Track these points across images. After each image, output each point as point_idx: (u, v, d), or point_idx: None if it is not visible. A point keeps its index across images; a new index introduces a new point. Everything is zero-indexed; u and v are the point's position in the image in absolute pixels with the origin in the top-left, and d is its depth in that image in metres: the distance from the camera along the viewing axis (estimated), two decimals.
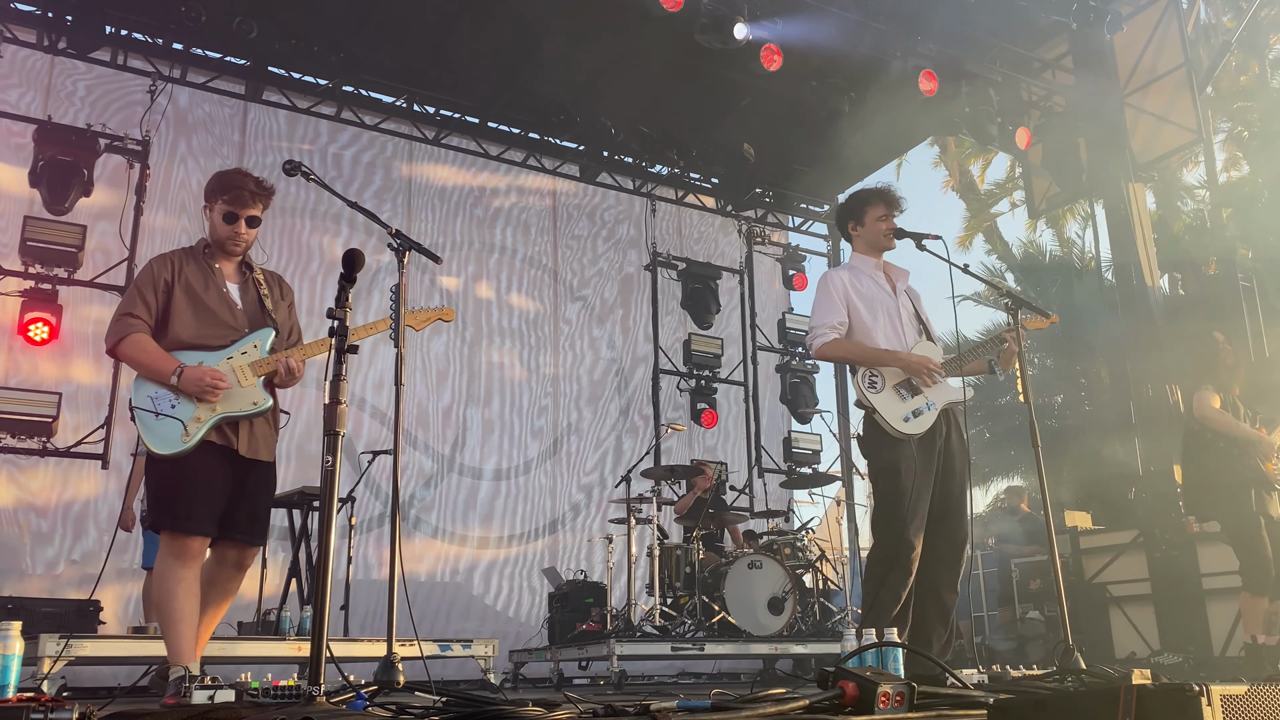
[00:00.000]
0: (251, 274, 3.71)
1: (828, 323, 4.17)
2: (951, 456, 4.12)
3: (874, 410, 4.05)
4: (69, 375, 7.29)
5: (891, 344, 4.17)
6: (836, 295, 4.21)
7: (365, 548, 7.93)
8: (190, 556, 3.37)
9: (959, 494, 4.11)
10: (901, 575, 3.89)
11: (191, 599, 3.37)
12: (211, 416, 3.38)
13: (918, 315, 4.32)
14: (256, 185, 3.60)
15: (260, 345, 3.54)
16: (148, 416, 3.33)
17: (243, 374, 3.46)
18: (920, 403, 4.08)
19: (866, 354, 4.13)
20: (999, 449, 14.83)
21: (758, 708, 2.43)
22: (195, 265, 3.58)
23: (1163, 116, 8.99)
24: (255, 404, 3.48)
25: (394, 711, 2.35)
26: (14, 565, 6.91)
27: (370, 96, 9.06)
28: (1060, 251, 17.11)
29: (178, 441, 3.33)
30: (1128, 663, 6.82)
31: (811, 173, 10.67)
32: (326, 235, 8.62)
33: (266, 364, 3.50)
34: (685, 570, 7.30)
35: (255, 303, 3.64)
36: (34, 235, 6.99)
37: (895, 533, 3.93)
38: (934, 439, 4.08)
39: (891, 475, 4.00)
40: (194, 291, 3.51)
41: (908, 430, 4.02)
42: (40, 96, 7.65)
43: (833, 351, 4.19)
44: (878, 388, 4.08)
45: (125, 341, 3.40)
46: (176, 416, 3.33)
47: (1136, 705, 1.90)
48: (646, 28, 7.52)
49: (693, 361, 9.94)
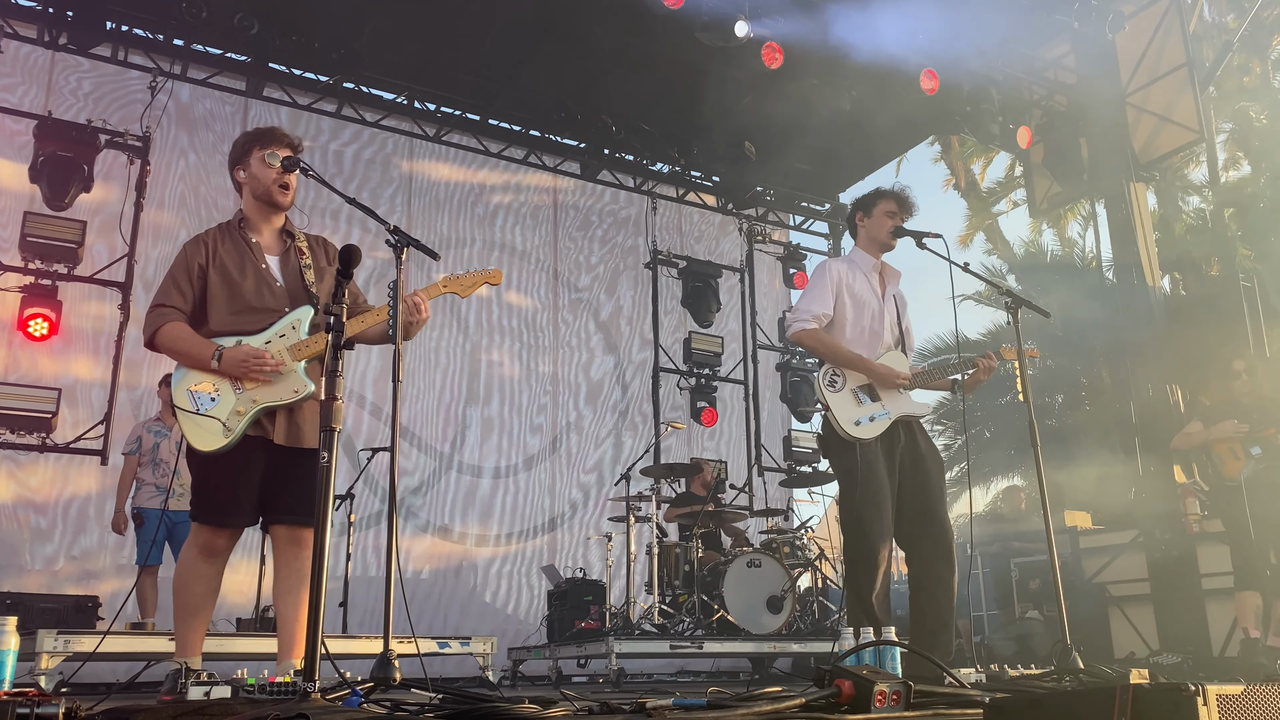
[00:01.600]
0: (294, 242, 3.55)
1: (813, 311, 4.20)
2: (923, 461, 4.16)
3: (827, 408, 4.09)
4: (68, 371, 7.29)
5: (866, 346, 4.22)
6: (830, 285, 4.24)
7: (364, 545, 7.94)
8: (214, 551, 3.31)
9: (937, 496, 4.15)
10: (869, 577, 3.93)
11: (209, 595, 3.34)
12: (252, 409, 3.22)
13: (899, 322, 4.34)
14: (285, 133, 3.51)
15: (299, 325, 3.34)
16: (187, 415, 3.22)
17: (281, 359, 3.26)
18: (876, 409, 4.12)
19: (839, 354, 4.15)
20: (999, 449, 14.82)
21: (753, 706, 2.43)
22: (231, 243, 3.42)
23: (1164, 116, 8.98)
24: (296, 391, 3.27)
25: (389, 708, 2.35)
26: (13, 561, 6.91)
27: (371, 93, 9.06)
28: (1061, 251, 17.10)
29: (220, 437, 3.19)
30: (1126, 663, 6.82)
31: (812, 171, 10.67)
32: (325, 232, 8.54)
33: (307, 347, 3.29)
34: (684, 569, 7.30)
35: (296, 275, 3.45)
36: (34, 231, 6.99)
37: (855, 535, 3.99)
38: (892, 447, 4.11)
39: (848, 478, 4.06)
40: (229, 274, 3.35)
41: (856, 434, 4.05)
42: (41, 92, 7.65)
43: (809, 341, 4.22)
44: (837, 387, 4.12)
45: (160, 332, 3.27)
46: (215, 416, 3.19)
47: (1132, 705, 1.89)
48: (647, 25, 7.52)
49: (693, 360, 9.94)
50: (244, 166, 3.48)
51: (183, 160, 8.15)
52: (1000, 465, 15.25)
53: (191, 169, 8.17)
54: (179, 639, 3.32)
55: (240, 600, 6.93)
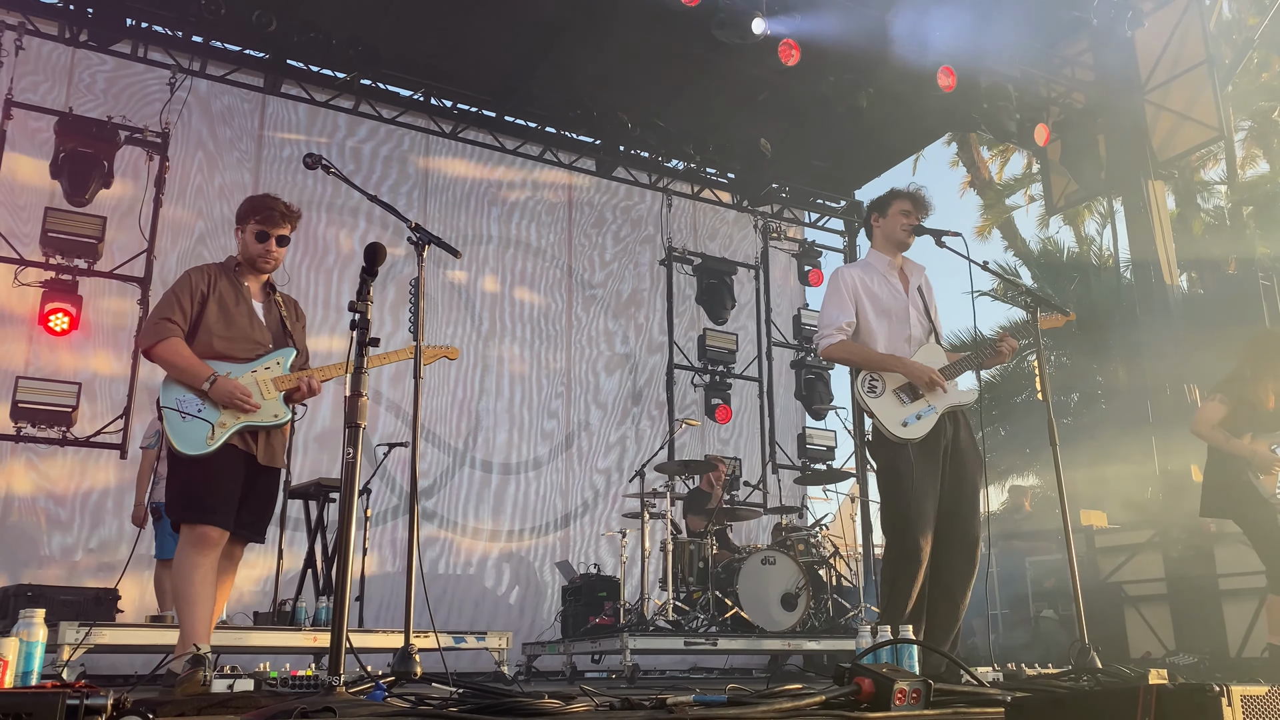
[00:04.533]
0: (274, 295, 3.99)
1: (835, 323, 4.19)
2: (962, 456, 4.13)
3: (873, 415, 4.08)
4: (88, 365, 7.34)
5: (895, 346, 4.19)
6: (846, 293, 4.22)
7: (380, 540, 7.97)
8: (209, 546, 3.52)
9: (971, 494, 4.12)
10: (909, 576, 3.91)
11: (208, 585, 3.53)
12: (235, 424, 3.62)
13: (928, 314, 4.31)
14: (286, 208, 3.90)
15: (283, 363, 3.81)
16: (174, 417, 3.55)
17: (266, 387, 3.72)
18: (921, 406, 4.09)
19: (871, 358, 4.13)
20: (1014, 447, 14.76)
21: (774, 703, 2.44)
22: (228, 281, 3.84)
23: (1184, 114, 8.92)
24: (276, 416, 3.73)
25: (413, 702, 2.36)
26: (33, 553, 6.98)
27: (388, 90, 9.08)
28: (1078, 249, 17.01)
29: (202, 443, 3.56)
30: (1143, 662, 6.79)
31: (828, 168, 10.64)
32: (343, 229, 8.65)
33: (288, 380, 3.77)
34: (698, 565, 7.31)
35: (278, 322, 3.91)
36: (55, 226, 7.03)
37: (900, 534, 3.97)
38: (937, 440, 4.09)
39: (892, 477, 4.04)
40: (226, 305, 3.76)
41: (905, 435, 4.03)
42: (62, 89, 7.70)
43: (839, 354, 4.21)
44: (877, 392, 4.10)
45: (162, 345, 3.62)
46: (204, 419, 3.56)
47: (1156, 705, 1.89)
48: (664, 22, 7.52)
49: (707, 357, 9.93)
50: (241, 228, 3.92)
51: (201, 156, 8.20)
52: (1016, 464, 15.19)
53: (210, 165, 8.21)
54: (186, 629, 3.47)
55: (258, 594, 6.98)
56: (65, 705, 1.61)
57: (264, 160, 8.50)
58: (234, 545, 3.74)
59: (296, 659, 5.61)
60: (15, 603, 5.46)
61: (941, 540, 4.00)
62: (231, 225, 4.06)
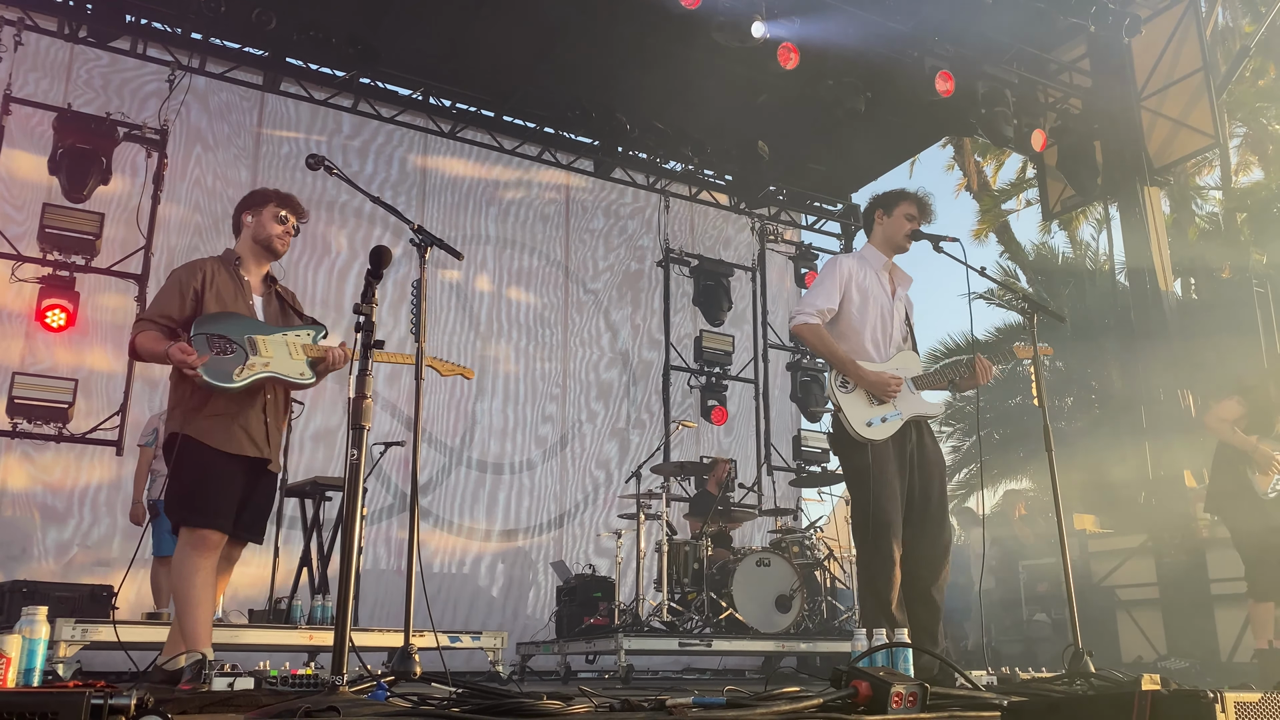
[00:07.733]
0: (274, 286, 3.97)
1: (817, 305, 4.20)
2: (928, 462, 4.17)
3: (840, 409, 4.09)
4: (85, 361, 7.34)
5: (878, 343, 4.22)
6: (838, 280, 4.24)
7: (375, 538, 7.98)
8: (209, 549, 3.52)
9: (939, 498, 4.16)
10: (886, 578, 3.93)
11: (209, 588, 3.52)
12: (264, 369, 3.61)
13: (908, 322, 4.35)
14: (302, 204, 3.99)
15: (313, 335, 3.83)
16: (204, 345, 3.55)
17: (294, 349, 3.71)
18: (888, 410, 4.11)
19: (836, 355, 4.16)
20: (1008, 451, 14.80)
21: (772, 705, 2.45)
22: (227, 274, 3.80)
23: (1179, 120, 8.96)
24: (302, 374, 3.71)
25: (414, 702, 2.38)
26: (28, 549, 6.97)
27: (387, 89, 9.09)
28: (1073, 254, 17.05)
29: (230, 378, 3.53)
30: (1135, 667, 6.82)
31: (825, 171, 10.66)
32: (345, 229, 8.65)
33: (318, 348, 3.77)
34: (693, 566, 7.32)
35: (277, 316, 3.89)
36: (52, 222, 7.04)
37: (871, 537, 3.97)
38: (902, 446, 4.12)
39: (860, 478, 4.05)
40: (224, 299, 3.71)
41: (868, 435, 4.05)
42: (60, 85, 7.69)
43: (808, 335, 4.22)
44: (848, 388, 4.12)
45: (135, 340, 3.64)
46: (240, 346, 3.56)
47: (1151, 710, 1.91)
48: (663, 25, 7.52)
49: (703, 358, 9.95)
50: (255, 213, 3.89)
51: (200, 153, 8.19)
52: (1010, 467, 15.23)
53: (208, 162, 8.21)
54: (188, 633, 3.44)
55: (253, 592, 6.98)
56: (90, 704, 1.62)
57: (262, 158, 8.49)
58: (233, 546, 3.74)
59: (292, 657, 5.63)
60: (10, 599, 5.46)
61: (915, 545, 4.02)
62: (229, 222, 4.02)
